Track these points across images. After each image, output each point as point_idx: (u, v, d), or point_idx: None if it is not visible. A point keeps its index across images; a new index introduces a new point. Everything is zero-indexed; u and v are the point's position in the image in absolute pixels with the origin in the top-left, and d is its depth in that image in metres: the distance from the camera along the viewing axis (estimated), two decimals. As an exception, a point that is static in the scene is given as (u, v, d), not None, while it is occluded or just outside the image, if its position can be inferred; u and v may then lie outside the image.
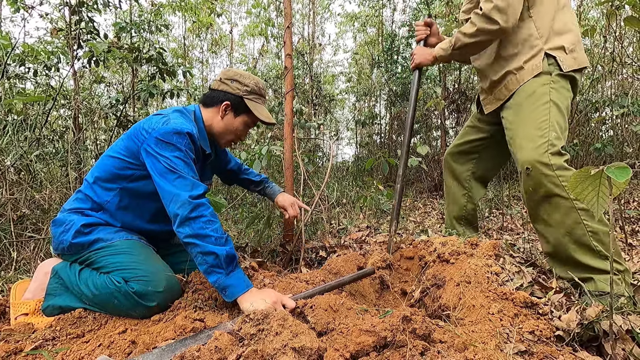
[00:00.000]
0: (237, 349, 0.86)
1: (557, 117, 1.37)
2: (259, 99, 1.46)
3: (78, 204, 1.35)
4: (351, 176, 5.56)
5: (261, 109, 1.46)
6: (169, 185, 1.18)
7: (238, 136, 1.50)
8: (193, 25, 7.71)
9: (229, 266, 1.14)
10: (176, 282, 1.26)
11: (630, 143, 4.13)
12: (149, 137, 1.25)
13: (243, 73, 1.45)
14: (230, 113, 1.44)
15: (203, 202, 1.18)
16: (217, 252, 1.12)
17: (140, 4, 4.05)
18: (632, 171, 0.74)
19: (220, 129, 1.45)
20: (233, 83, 1.42)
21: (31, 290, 1.32)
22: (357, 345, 0.83)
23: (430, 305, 1.26)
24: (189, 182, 1.20)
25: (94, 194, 1.34)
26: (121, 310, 1.19)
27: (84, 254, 1.28)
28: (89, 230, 1.28)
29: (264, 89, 1.48)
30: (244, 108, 1.43)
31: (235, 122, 1.45)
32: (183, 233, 1.15)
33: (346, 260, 1.57)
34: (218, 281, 1.13)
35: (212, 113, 1.44)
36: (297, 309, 1.07)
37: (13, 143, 2.21)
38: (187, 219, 1.14)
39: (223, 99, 1.42)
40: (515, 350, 0.85)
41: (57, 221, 1.32)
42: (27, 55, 3.16)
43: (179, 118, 1.32)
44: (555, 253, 1.38)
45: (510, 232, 2.56)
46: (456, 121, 5.94)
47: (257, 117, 1.43)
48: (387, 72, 6.58)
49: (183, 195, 1.16)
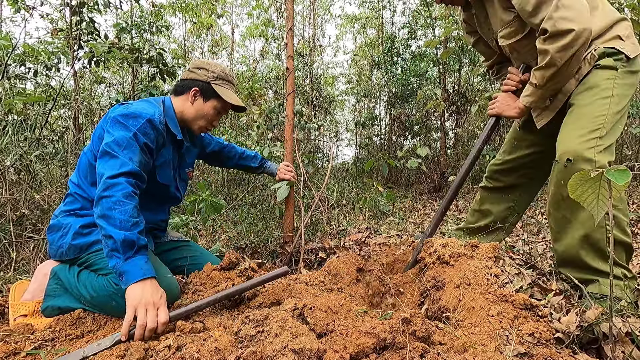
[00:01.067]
0: (236, 350, 0.86)
1: (615, 115, 1.26)
2: (226, 84, 1.51)
3: (69, 206, 1.35)
4: (351, 177, 5.56)
5: (229, 93, 1.50)
6: (100, 165, 1.19)
7: (209, 121, 1.52)
8: (194, 26, 7.72)
9: (128, 252, 1.08)
10: (175, 283, 1.25)
11: (630, 145, 4.14)
12: (108, 120, 1.28)
13: (210, 62, 1.51)
14: (199, 98, 1.48)
15: (120, 182, 1.13)
16: (115, 236, 1.07)
17: (140, 5, 4.06)
18: (632, 174, 0.74)
19: (191, 114, 1.49)
20: (200, 71, 1.48)
21: (30, 291, 1.31)
22: (356, 347, 0.83)
23: (430, 307, 1.26)
24: (118, 161, 1.17)
25: (82, 191, 1.35)
26: (120, 312, 1.17)
27: (82, 256, 1.28)
28: (87, 232, 1.29)
29: (230, 75, 1.53)
30: (212, 93, 1.47)
31: (205, 106, 1.48)
32: (95, 213, 1.12)
33: (345, 262, 1.57)
34: (116, 266, 1.07)
35: (182, 100, 1.49)
36: (296, 310, 1.07)
37: (13, 143, 2.21)
38: (98, 198, 1.12)
39: (192, 85, 1.47)
40: (514, 353, 0.85)
41: (53, 227, 1.32)
42: (27, 56, 3.16)
43: (142, 104, 1.35)
44: (563, 250, 1.33)
45: (510, 234, 2.56)
46: (456, 123, 5.95)
47: (226, 100, 1.47)
48: (387, 74, 6.59)
49: (105, 174, 1.15)
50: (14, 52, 2.82)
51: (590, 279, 1.29)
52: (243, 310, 1.18)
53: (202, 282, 1.38)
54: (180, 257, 1.55)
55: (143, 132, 1.27)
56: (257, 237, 2.40)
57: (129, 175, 1.17)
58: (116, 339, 0.98)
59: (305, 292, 1.22)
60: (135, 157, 1.22)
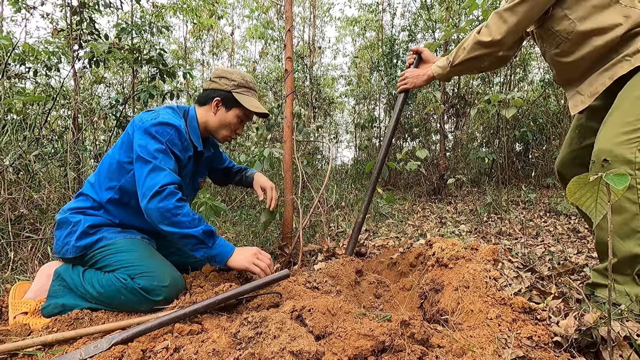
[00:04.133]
0: (234, 352, 0.86)
1: None
2: (247, 92, 1.52)
3: (79, 203, 1.38)
4: (350, 179, 5.56)
5: (250, 100, 1.51)
6: (143, 175, 1.25)
7: (233, 130, 1.55)
8: (194, 27, 7.73)
9: (209, 240, 1.26)
10: (180, 277, 1.29)
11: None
12: (137, 130, 1.32)
13: (230, 70, 1.52)
14: (222, 108, 1.50)
15: (172, 190, 1.24)
16: (194, 233, 1.23)
17: (141, 6, 4.06)
18: (630, 178, 0.74)
19: (214, 124, 1.51)
20: (221, 80, 1.49)
21: (33, 290, 1.32)
22: (355, 349, 0.83)
23: (429, 309, 1.26)
24: (162, 174, 1.25)
25: (95, 193, 1.38)
26: (128, 306, 1.22)
27: (88, 253, 1.30)
28: (93, 231, 1.31)
29: (251, 82, 1.53)
30: (234, 102, 1.49)
31: (228, 116, 1.50)
32: (158, 223, 1.23)
33: (344, 264, 1.57)
34: (205, 255, 1.26)
35: (206, 110, 1.51)
36: (295, 312, 1.07)
37: (12, 142, 2.21)
38: (157, 210, 1.22)
39: (213, 95, 1.49)
40: (513, 356, 0.85)
41: (61, 223, 1.34)
42: (27, 55, 3.16)
43: (168, 114, 1.39)
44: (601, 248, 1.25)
45: (509, 237, 2.56)
46: (455, 125, 5.96)
47: (248, 108, 1.48)
48: (386, 76, 6.60)
49: (154, 186, 1.23)
50: (14, 52, 2.82)
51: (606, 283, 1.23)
52: (241, 312, 1.18)
53: (200, 284, 1.38)
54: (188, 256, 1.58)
55: (172, 142, 1.33)
56: (256, 238, 2.39)
57: (174, 184, 1.27)
58: (113, 341, 0.97)
59: (304, 294, 1.21)
60: (172, 166, 1.30)
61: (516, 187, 4.84)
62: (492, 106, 3.92)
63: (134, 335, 1.00)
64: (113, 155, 1.39)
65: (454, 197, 4.90)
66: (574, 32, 1.29)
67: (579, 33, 1.28)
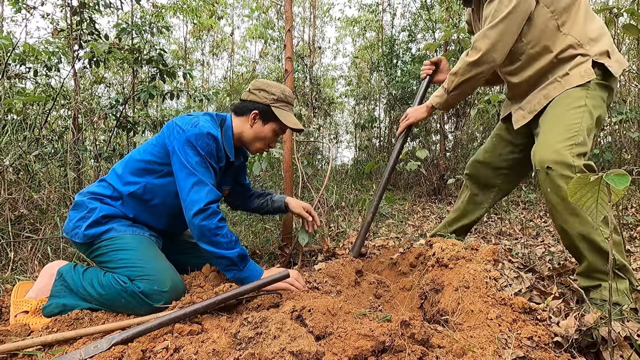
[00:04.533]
0: (234, 352, 0.86)
1: (588, 124, 1.31)
2: (285, 107, 1.50)
3: (99, 189, 1.39)
4: (350, 179, 5.56)
5: (288, 115, 1.49)
6: (187, 188, 1.28)
7: (267, 143, 1.54)
8: (194, 27, 7.73)
9: (242, 263, 1.30)
10: (180, 281, 1.30)
11: (629, 149, 4.15)
12: (179, 136, 1.32)
13: (270, 83, 1.50)
14: (259, 121, 1.49)
15: (215, 210, 1.28)
16: (230, 255, 1.27)
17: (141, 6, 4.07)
18: (631, 178, 0.74)
19: (250, 136, 1.51)
20: (261, 92, 1.48)
21: (35, 289, 1.33)
22: (355, 349, 0.83)
23: (429, 309, 1.26)
24: (206, 188, 1.29)
25: (119, 184, 1.39)
26: (128, 309, 1.23)
27: (95, 243, 1.31)
28: (105, 221, 1.33)
29: (290, 96, 1.52)
30: (271, 116, 1.48)
31: (265, 129, 1.50)
32: (197, 238, 1.28)
33: (344, 264, 1.57)
34: (235, 276, 1.30)
35: (242, 122, 1.50)
36: (295, 312, 1.07)
37: (12, 143, 2.21)
38: (200, 228, 1.25)
39: (252, 108, 1.48)
40: (513, 356, 0.85)
41: (78, 204, 1.36)
42: (27, 55, 3.16)
43: (207, 122, 1.39)
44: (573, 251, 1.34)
45: (509, 237, 2.56)
46: (455, 126, 5.96)
47: (284, 123, 1.47)
48: (386, 76, 6.61)
49: (198, 201, 1.26)
50: (14, 52, 2.82)
51: (594, 284, 1.28)
52: (241, 312, 1.18)
53: (200, 283, 1.38)
54: (195, 256, 1.61)
55: (210, 154, 1.34)
56: (256, 238, 2.39)
57: (216, 201, 1.30)
58: (113, 341, 0.97)
59: (304, 294, 1.21)
60: (213, 179, 1.34)
61: (516, 187, 4.84)
62: (492, 106, 3.92)
63: (133, 335, 1.00)
64: (145, 152, 1.41)
65: (454, 197, 4.90)
66: (525, 54, 1.45)
67: (529, 55, 1.45)
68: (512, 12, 1.35)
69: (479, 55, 1.42)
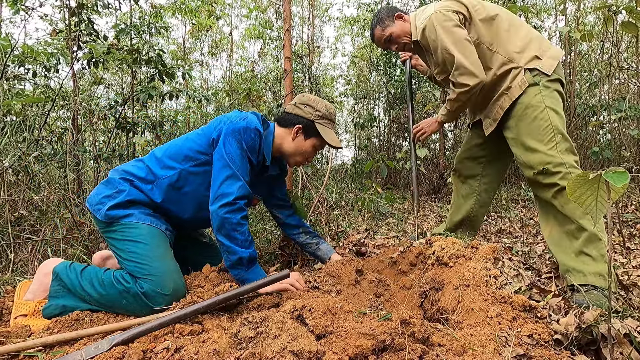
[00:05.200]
0: (235, 352, 0.86)
1: (556, 121, 1.48)
2: (329, 124, 1.53)
3: (134, 170, 1.40)
4: (350, 178, 5.57)
5: (330, 133, 1.52)
6: (221, 179, 1.31)
7: (306, 157, 1.56)
8: (193, 27, 7.72)
9: (249, 265, 1.31)
10: (182, 285, 1.30)
11: (628, 147, 4.15)
12: (226, 127, 1.36)
13: (316, 99, 1.53)
14: (301, 135, 1.51)
15: (241, 206, 1.30)
16: (241, 254, 1.28)
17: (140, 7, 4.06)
18: (630, 175, 0.74)
19: (290, 149, 1.52)
20: (306, 108, 1.50)
21: (31, 291, 1.32)
22: (355, 348, 0.83)
23: (429, 308, 1.26)
24: (239, 183, 1.31)
25: (157, 166, 1.40)
26: (129, 310, 1.23)
27: (114, 224, 1.32)
28: (129, 205, 1.34)
29: (334, 114, 1.55)
30: (314, 132, 1.50)
31: (305, 144, 1.52)
32: (216, 228, 1.29)
33: (344, 263, 1.57)
34: (239, 275, 1.30)
35: (284, 133, 1.52)
36: (295, 312, 1.07)
37: (11, 144, 2.21)
38: (223, 219, 1.27)
39: (296, 122, 1.50)
40: (513, 354, 0.85)
41: (110, 181, 1.39)
42: (26, 57, 3.16)
43: (256, 119, 1.42)
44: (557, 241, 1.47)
45: (509, 236, 2.56)
46: (454, 124, 5.96)
47: (326, 140, 1.49)
48: (385, 75, 6.60)
49: (229, 195, 1.28)
50: (13, 53, 2.82)
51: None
52: (242, 312, 1.18)
53: (200, 283, 1.38)
54: (206, 255, 1.65)
55: (252, 148, 1.37)
56: (256, 238, 2.39)
57: (245, 197, 1.33)
58: (114, 342, 0.97)
59: (304, 294, 1.22)
60: (247, 175, 1.36)
61: (516, 186, 4.84)
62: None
63: (134, 335, 1.00)
64: (188, 139, 1.43)
65: (454, 196, 4.89)
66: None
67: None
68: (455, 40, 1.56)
69: (466, 88, 1.59)
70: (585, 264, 1.32)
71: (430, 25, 1.62)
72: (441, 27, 1.58)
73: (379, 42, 1.87)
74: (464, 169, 1.95)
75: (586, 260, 1.33)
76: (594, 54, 5.22)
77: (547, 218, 1.51)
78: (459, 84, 1.60)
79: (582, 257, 1.34)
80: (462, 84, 1.59)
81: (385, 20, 1.81)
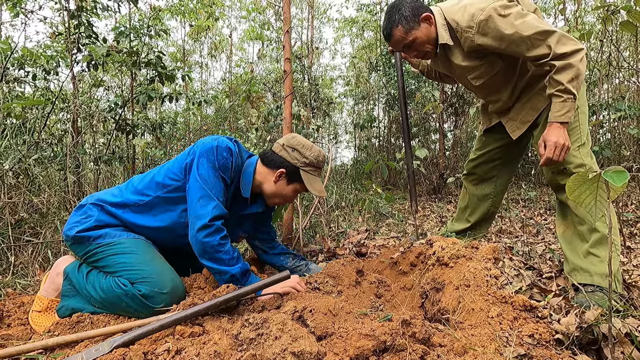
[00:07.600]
0: (236, 353, 0.86)
1: (584, 122, 1.45)
2: (315, 171, 1.48)
3: (107, 196, 1.40)
4: (350, 179, 5.57)
5: (314, 181, 1.47)
6: (195, 200, 1.29)
7: (285, 200, 1.53)
8: (192, 29, 7.73)
9: (243, 278, 1.30)
10: (180, 283, 1.30)
11: (628, 146, 4.15)
12: (198, 149, 1.35)
13: (306, 143, 1.47)
14: (284, 180, 1.46)
15: (219, 227, 1.28)
16: (231, 271, 1.27)
17: (139, 9, 4.07)
18: (630, 174, 0.74)
19: (270, 191, 1.48)
20: (294, 152, 1.45)
21: (44, 288, 1.37)
22: (356, 349, 0.83)
23: (430, 308, 1.26)
24: (213, 203, 1.29)
25: (131, 193, 1.38)
26: (129, 312, 1.24)
27: (90, 247, 1.31)
28: (99, 228, 1.33)
29: (322, 161, 1.49)
30: (297, 178, 1.45)
31: (287, 188, 1.48)
32: (199, 254, 1.28)
33: (345, 264, 1.57)
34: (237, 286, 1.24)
35: (267, 173, 1.47)
36: (296, 313, 1.07)
37: (12, 147, 2.21)
38: (203, 244, 1.25)
39: (280, 165, 1.45)
40: (514, 354, 0.85)
41: (80, 207, 1.39)
42: (26, 59, 3.16)
43: (226, 140, 1.40)
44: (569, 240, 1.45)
45: (509, 235, 2.56)
46: (454, 125, 5.97)
47: (309, 189, 1.45)
48: (385, 76, 6.60)
49: (203, 216, 1.26)
50: (12, 56, 2.83)
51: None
52: (242, 313, 1.18)
53: (201, 286, 1.38)
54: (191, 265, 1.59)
55: (224, 167, 1.34)
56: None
57: (220, 217, 1.30)
58: (115, 344, 0.97)
59: (305, 295, 1.22)
60: (221, 195, 1.33)
61: (516, 185, 4.84)
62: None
63: (135, 337, 1.00)
64: (162, 167, 1.41)
65: (454, 196, 4.90)
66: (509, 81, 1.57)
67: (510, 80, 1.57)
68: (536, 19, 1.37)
69: (573, 49, 1.33)
70: (593, 264, 1.32)
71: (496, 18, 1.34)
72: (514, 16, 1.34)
73: (397, 44, 1.51)
74: (479, 172, 1.89)
75: (594, 260, 1.32)
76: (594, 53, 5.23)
77: (564, 217, 1.49)
78: (570, 53, 1.32)
79: (590, 257, 1.33)
80: (575, 51, 1.32)
81: (411, 20, 1.45)
